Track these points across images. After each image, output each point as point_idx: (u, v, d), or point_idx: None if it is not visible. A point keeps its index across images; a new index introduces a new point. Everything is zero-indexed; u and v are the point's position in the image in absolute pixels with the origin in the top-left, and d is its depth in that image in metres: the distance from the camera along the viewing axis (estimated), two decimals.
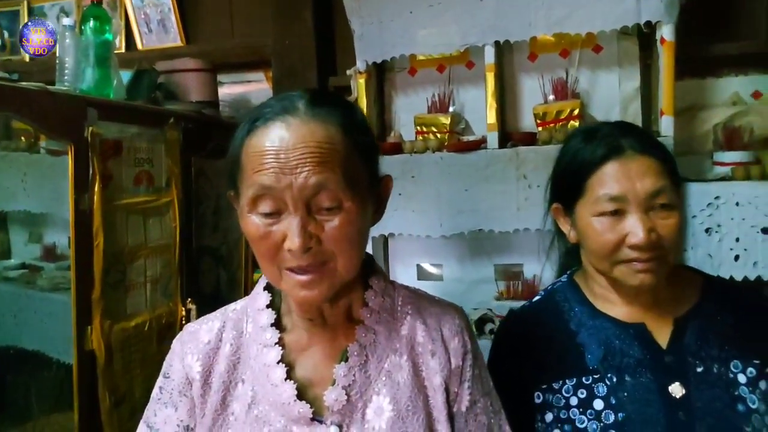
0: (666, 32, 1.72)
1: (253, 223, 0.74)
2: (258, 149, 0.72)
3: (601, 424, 0.94)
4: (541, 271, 1.30)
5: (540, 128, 1.91)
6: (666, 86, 1.73)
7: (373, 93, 2.14)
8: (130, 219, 1.75)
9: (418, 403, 0.79)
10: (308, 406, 0.76)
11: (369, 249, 2.05)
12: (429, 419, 0.79)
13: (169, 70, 2.20)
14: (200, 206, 2.10)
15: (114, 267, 1.68)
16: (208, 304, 2.14)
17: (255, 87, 2.55)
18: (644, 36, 1.87)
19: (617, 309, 1.00)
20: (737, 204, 1.77)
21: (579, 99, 1.90)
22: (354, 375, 0.78)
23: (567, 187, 0.99)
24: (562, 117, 1.87)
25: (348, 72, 2.09)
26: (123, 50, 2.67)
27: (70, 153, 1.56)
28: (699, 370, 0.94)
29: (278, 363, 0.79)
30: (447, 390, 0.81)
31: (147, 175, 1.82)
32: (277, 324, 0.83)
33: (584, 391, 0.96)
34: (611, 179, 0.92)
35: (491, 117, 1.93)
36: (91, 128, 1.60)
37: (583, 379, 0.97)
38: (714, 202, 1.78)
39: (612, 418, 0.93)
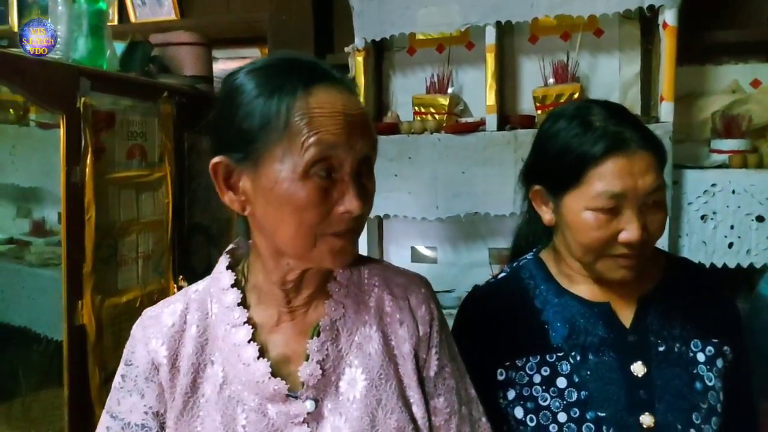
0: (669, 17, 1.71)
1: (307, 188, 0.70)
2: (326, 108, 0.71)
3: (564, 401, 0.94)
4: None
5: (539, 111, 1.89)
6: (667, 71, 1.72)
7: (371, 72, 2.11)
8: (123, 193, 1.72)
9: (389, 372, 0.80)
10: (283, 382, 0.76)
11: (364, 230, 2.06)
12: (400, 386, 0.80)
13: (163, 43, 2.16)
14: (192, 183, 2.08)
15: (105, 242, 1.66)
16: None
17: None
18: (646, 20, 1.86)
19: (583, 288, 1.00)
20: (733, 192, 1.77)
21: (579, 83, 1.89)
22: (327, 349, 0.78)
23: (557, 174, 0.95)
24: (562, 100, 1.85)
25: (346, 49, 2.05)
26: (116, 23, 2.62)
27: (62, 123, 1.53)
28: (661, 349, 0.95)
29: (249, 342, 0.78)
30: (416, 357, 0.82)
31: (140, 149, 1.79)
32: (243, 303, 0.81)
33: (548, 369, 0.97)
34: (614, 176, 0.88)
35: (490, 99, 1.91)
36: (83, 99, 1.57)
37: (547, 356, 0.97)
38: (710, 189, 1.79)
39: (575, 396, 0.94)
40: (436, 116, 2.00)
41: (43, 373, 1.95)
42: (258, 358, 0.76)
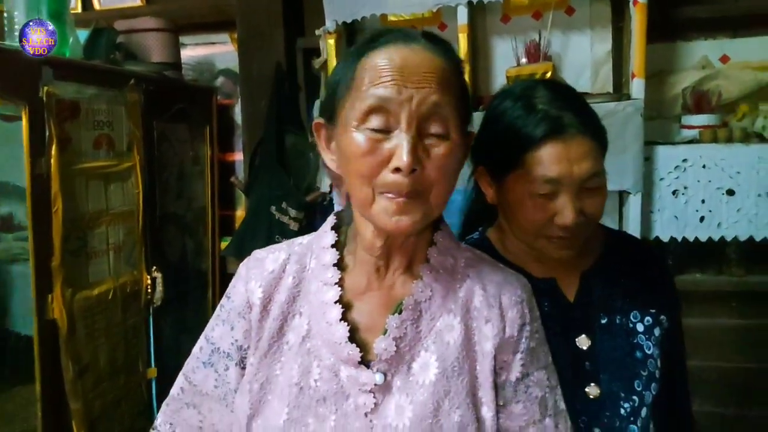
0: None
1: (359, 138, 0.72)
2: (380, 63, 0.72)
3: None
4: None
5: None
6: (638, 48, 1.73)
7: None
8: (90, 184, 1.68)
9: (464, 366, 0.79)
10: (357, 349, 0.77)
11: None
12: (473, 383, 0.79)
13: (128, 29, 2.10)
14: (163, 172, 2.03)
15: (74, 234, 1.62)
16: (174, 273, 2.11)
17: (220, 49, 2.46)
18: None
19: (529, 265, 1.00)
20: (704, 166, 1.80)
21: (551, 62, 1.89)
22: (406, 328, 0.78)
23: (499, 156, 0.95)
24: (542, 79, 1.85)
25: (317, 32, 2.02)
26: (79, 10, 2.54)
27: (24, 114, 1.48)
28: (603, 321, 0.98)
29: (336, 303, 0.80)
30: (495, 358, 0.80)
31: (107, 138, 1.75)
32: (339, 264, 0.83)
33: None
34: (550, 161, 0.89)
35: None
36: (46, 88, 1.52)
37: None
38: (681, 164, 1.81)
39: None
40: None
41: (15, 369, 1.91)
42: (340, 320, 0.78)
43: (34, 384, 1.53)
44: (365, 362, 0.77)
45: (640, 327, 0.99)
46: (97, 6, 2.55)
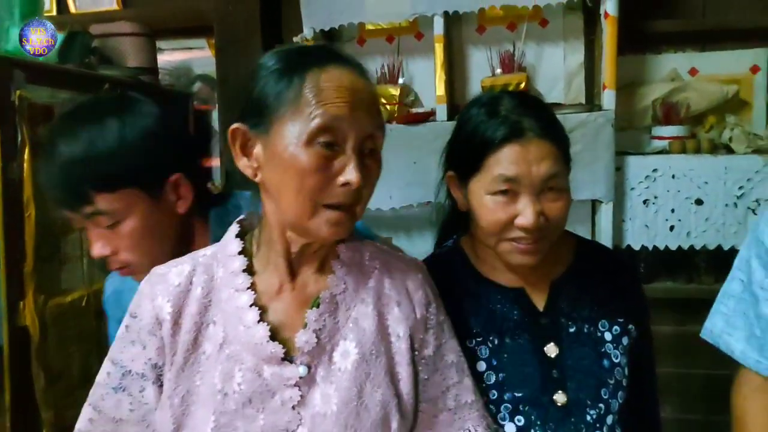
0: (609, 7, 1.76)
1: (309, 154, 0.76)
2: (332, 84, 0.77)
3: (483, 384, 0.98)
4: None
5: None
6: (609, 61, 1.77)
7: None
8: None
9: (381, 348, 0.85)
10: (280, 346, 0.80)
11: None
12: (390, 363, 0.85)
13: (104, 33, 2.08)
14: None
15: (47, 240, 1.59)
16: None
17: (197, 54, 2.46)
18: (589, 11, 1.91)
19: (499, 274, 1.03)
20: (673, 177, 1.85)
21: (525, 72, 1.92)
22: (324, 320, 0.83)
23: (464, 160, 0.99)
24: (509, 90, 1.88)
25: (294, 39, 2.03)
26: (54, 13, 2.51)
27: None
28: (571, 330, 1.00)
29: (251, 306, 0.82)
30: (412, 338, 0.87)
31: None
32: (248, 270, 0.86)
33: (468, 354, 0.99)
34: (508, 161, 0.92)
35: (440, 89, 1.93)
36: (18, 92, 1.50)
37: (467, 342, 0.99)
38: (651, 174, 1.86)
39: (493, 378, 0.98)
40: (387, 107, 2.01)
41: None
42: (258, 322, 0.81)
43: (4, 393, 1.51)
44: (287, 358, 0.81)
45: (608, 336, 1.01)
46: (72, 9, 2.52)
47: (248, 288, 0.84)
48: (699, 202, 1.85)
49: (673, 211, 1.86)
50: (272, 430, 0.78)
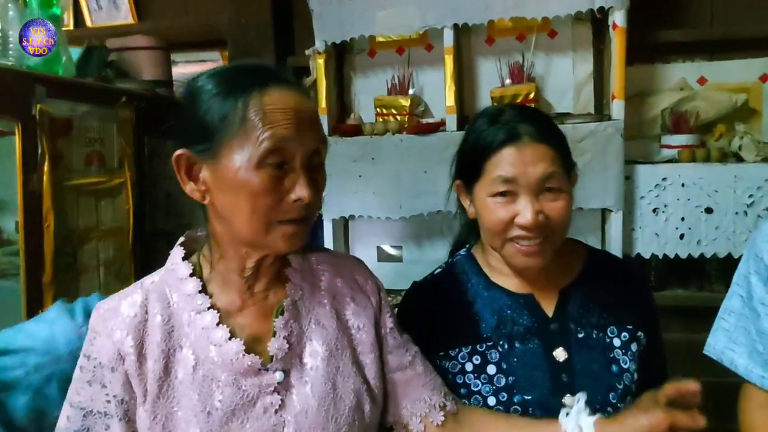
0: (618, 18, 1.77)
1: (261, 176, 0.78)
2: (276, 106, 0.79)
3: (493, 387, 1.02)
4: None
5: None
6: (617, 71, 1.79)
7: (333, 74, 2.12)
8: (81, 200, 1.70)
9: (344, 342, 0.92)
10: (258, 357, 0.84)
11: (330, 231, 2.07)
12: (354, 353, 0.93)
13: (120, 47, 2.13)
14: (154, 188, 2.05)
15: (65, 250, 1.63)
16: None
17: (210, 67, 2.49)
18: (597, 21, 1.93)
19: (509, 280, 1.07)
20: (683, 185, 1.85)
21: (534, 83, 1.94)
22: (291, 326, 0.88)
23: (468, 167, 1.05)
24: (519, 100, 1.90)
25: (306, 52, 2.06)
26: (71, 28, 2.57)
27: (17, 131, 1.50)
28: (580, 335, 1.03)
29: (218, 325, 0.85)
30: (376, 322, 0.96)
31: (98, 155, 1.77)
32: (204, 291, 0.88)
33: (479, 358, 1.04)
34: (506, 163, 0.98)
35: (450, 99, 1.95)
36: (39, 106, 1.54)
37: (478, 346, 1.04)
38: (661, 183, 1.86)
39: (503, 381, 1.02)
40: (398, 117, 2.03)
41: None
42: (230, 338, 0.84)
43: None
44: (262, 367, 0.85)
45: (617, 342, 1.04)
46: (89, 23, 2.58)
47: (209, 308, 0.86)
48: (709, 210, 1.85)
49: (683, 219, 1.86)
50: None
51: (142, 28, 2.43)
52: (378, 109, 2.07)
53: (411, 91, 2.07)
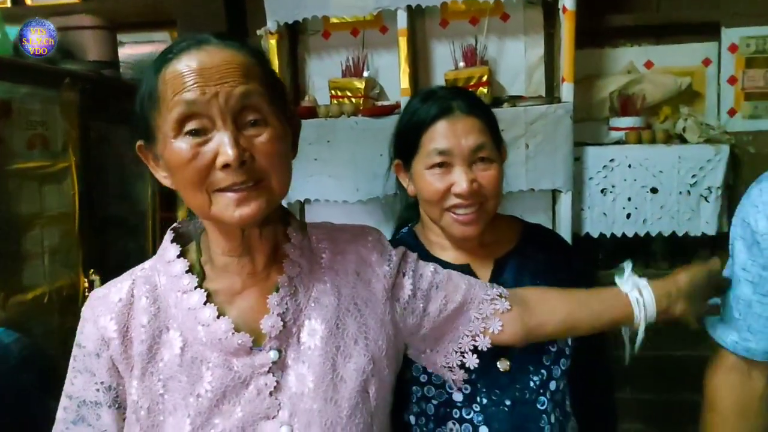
0: (567, 2, 1.80)
1: (179, 147, 0.74)
2: (179, 71, 0.74)
3: None
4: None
5: None
6: (567, 54, 1.82)
7: (286, 55, 2.10)
8: (24, 185, 1.64)
9: (345, 321, 0.86)
10: (248, 336, 0.79)
11: None
12: (360, 330, 0.87)
13: (63, 27, 2.04)
14: (102, 173, 1.99)
15: (6, 236, 1.57)
16: (114, 276, 2.06)
17: (159, 48, 2.37)
18: (548, 5, 1.95)
19: (447, 253, 1.12)
20: (629, 166, 1.91)
21: (487, 66, 1.96)
22: (286, 303, 0.83)
23: (405, 144, 1.09)
24: (472, 83, 1.91)
25: (258, 32, 2.03)
26: (9, 4, 2.45)
27: None
28: None
29: (205, 304, 0.81)
30: (389, 296, 0.91)
31: (41, 138, 1.70)
32: (199, 274, 0.85)
33: None
34: (440, 135, 1.04)
35: (404, 82, 1.95)
36: None
37: None
38: (609, 164, 1.92)
39: None
40: (353, 100, 2.02)
41: None
42: (218, 317, 0.80)
43: None
44: (255, 347, 0.81)
45: None
46: (28, 1, 2.46)
47: (196, 287, 0.82)
48: (654, 190, 1.91)
49: (629, 199, 1.92)
50: (252, 419, 0.78)
51: (86, 7, 2.35)
52: (333, 92, 2.05)
53: (366, 74, 2.07)
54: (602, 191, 1.93)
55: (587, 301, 0.97)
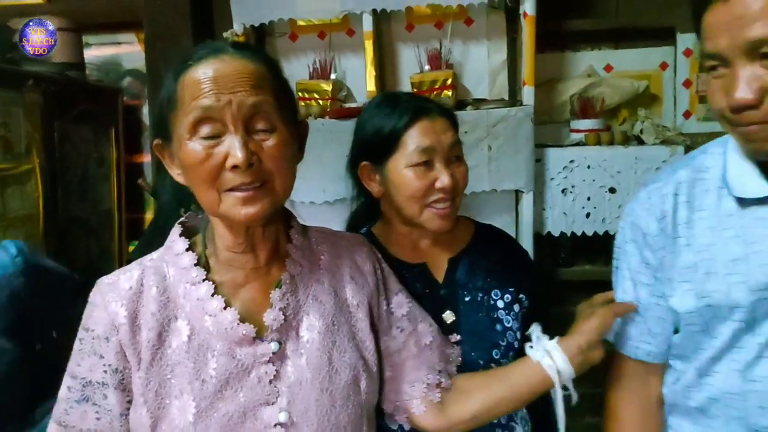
0: (528, 7, 1.85)
1: (193, 148, 0.80)
2: (196, 78, 0.80)
3: None
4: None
5: None
6: (527, 58, 1.87)
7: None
8: None
9: (341, 319, 0.93)
10: (252, 326, 0.85)
11: None
12: (352, 330, 0.94)
13: None
14: (66, 175, 1.98)
15: None
16: (78, 277, 2.06)
17: (126, 49, 2.42)
18: (510, 11, 2.00)
19: (406, 253, 1.17)
20: (588, 167, 1.97)
21: (452, 69, 1.99)
22: (288, 299, 0.89)
23: (378, 147, 1.13)
24: (437, 86, 1.95)
25: (225, 35, 2.03)
26: None
27: None
28: (467, 299, 1.14)
29: (213, 295, 0.86)
30: (369, 305, 0.97)
31: (4, 140, 1.70)
32: (204, 267, 0.90)
33: None
34: (423, 134, 1.09)
35: (371, 84, 1.98)
36: None
37: None
38: (569, 165, 1.97)
39: None
40: (320, 102, 2.04)
41: None
42: (225, 308, 0.86)
43: None
44: (258, 337, 0.86)
45: (500, 303, 1.14)
46: None
47: (204, 279, 0.87)
48: (612, 190, 1.97)
49: (589, 199, 1.98)
50: (253, 404, 0.84)
51: (51, 8, 2.32)
52: (300, 94, 2.07)
53: (333, 76, 2.09)
54: (563, 191, 1.99)
55: (507, 377, 1.01)
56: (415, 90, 1.99)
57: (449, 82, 1.95)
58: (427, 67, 2.01)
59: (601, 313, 0.98)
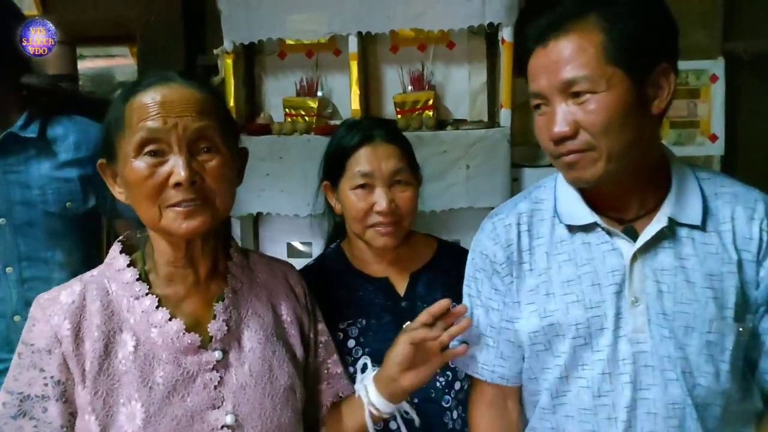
0: (506, 33, 1.93)
1: (138, 166, 0.86)
2: (144, 102, 0.86)
3: (352, 358, 1.19)
4: None
5: (399, 116, 2.06)
6: (505, 82, 1.95)
7: (242, 74, 2.18)
8: None
9: (278, 332, 1.02)
10: (197, 336, 0.91)
11: (238, 229, 2.12)
12: (288, 343, 1.03)
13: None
14: None
15: None
16: None
17: (119, 62, 2.48)
18: (490, 36, 2.09)
19: (370, 267, 1.27)
20: None
21: (434, 90, 2.08)
22: (230, 312, 0.96)
23: (333, 167, 1.24)
24: (418, 107, 2.04)
25: (215, 51, 2.10)
26: None
27: None
28: None
29: (157, 308, 0.91)
30: (300, 321, 1.06)
31: None
32: (146, 282, 0.94)
33: (341, 335, 1.21)
34: (363, 160, 1.19)
35: (355, 103, 2.05)
36: None
37: (340, 324, 1.22)
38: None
39: (360, 353, 1.19)
40: (306, 118, 2.11)
41: None
42: (170, 319, 0.91)
43: None
44: (202, 346, 0.92)
45: None
46: None
47: (147, 293, 0.92)
48: None
49: None
50: (200, 408, 0.90)
51: (46, 20, 2.38)
52: (287, 110, 2.14)
53: (319, 93, 2.16)
54: None
55: (348, 408, 1.09)
56: (397, 109, 2.07)
57: (431, 102, 2.03)
58: (410, 88, 2.09)
59: (399, 340, 1.02)
